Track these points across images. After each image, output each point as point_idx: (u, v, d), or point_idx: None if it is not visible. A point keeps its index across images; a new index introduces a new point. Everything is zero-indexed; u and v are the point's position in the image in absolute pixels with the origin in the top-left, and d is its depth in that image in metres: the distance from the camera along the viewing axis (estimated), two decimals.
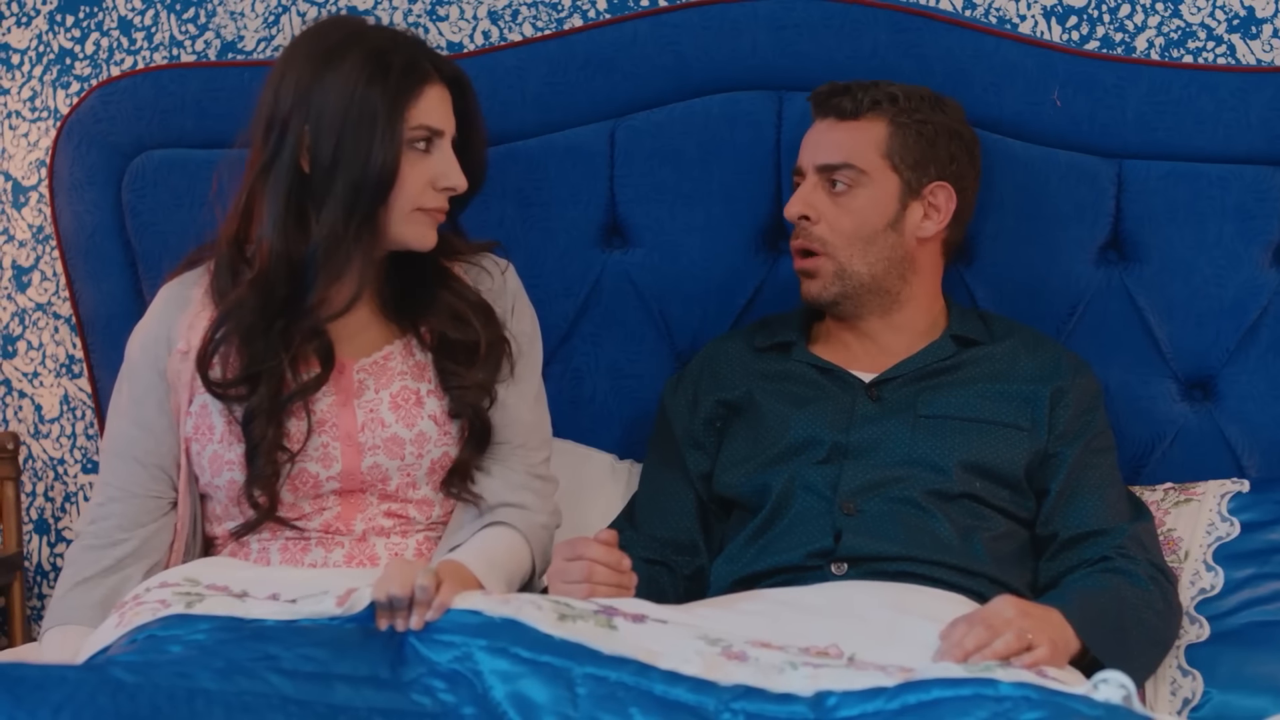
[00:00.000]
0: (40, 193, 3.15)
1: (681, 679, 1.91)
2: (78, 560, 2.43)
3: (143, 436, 2.45)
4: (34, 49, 3.15)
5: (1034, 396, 2.53)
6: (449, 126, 2.40)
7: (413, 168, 2.36)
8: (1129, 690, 1.88)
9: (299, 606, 2.07)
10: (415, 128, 2.35)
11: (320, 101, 2.33)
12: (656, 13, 2.89)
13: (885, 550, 2.39)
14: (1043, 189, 2.79)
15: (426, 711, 1.85)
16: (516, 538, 2.42)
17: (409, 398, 2.43)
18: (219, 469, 2.40)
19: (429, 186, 2.38)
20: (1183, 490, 2.65)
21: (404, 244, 2.40)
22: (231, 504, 2.41)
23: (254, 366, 2.36)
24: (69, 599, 2.41)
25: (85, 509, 2.63)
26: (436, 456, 2.43)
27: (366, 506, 2.43)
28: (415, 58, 2.38)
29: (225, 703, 1.78)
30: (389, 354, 2.45)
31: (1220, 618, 2.50)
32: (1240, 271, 2.75)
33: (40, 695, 1.70)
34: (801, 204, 2.58)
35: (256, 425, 2.36)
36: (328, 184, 2.33)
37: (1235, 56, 2.89)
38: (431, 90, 2.38)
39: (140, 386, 2.46)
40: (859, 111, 2.57)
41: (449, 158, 2.39)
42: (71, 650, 2.28)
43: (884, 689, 1.89)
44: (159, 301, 2.50)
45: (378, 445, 2.40)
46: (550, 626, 1.96)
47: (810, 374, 2.61)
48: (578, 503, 2.70)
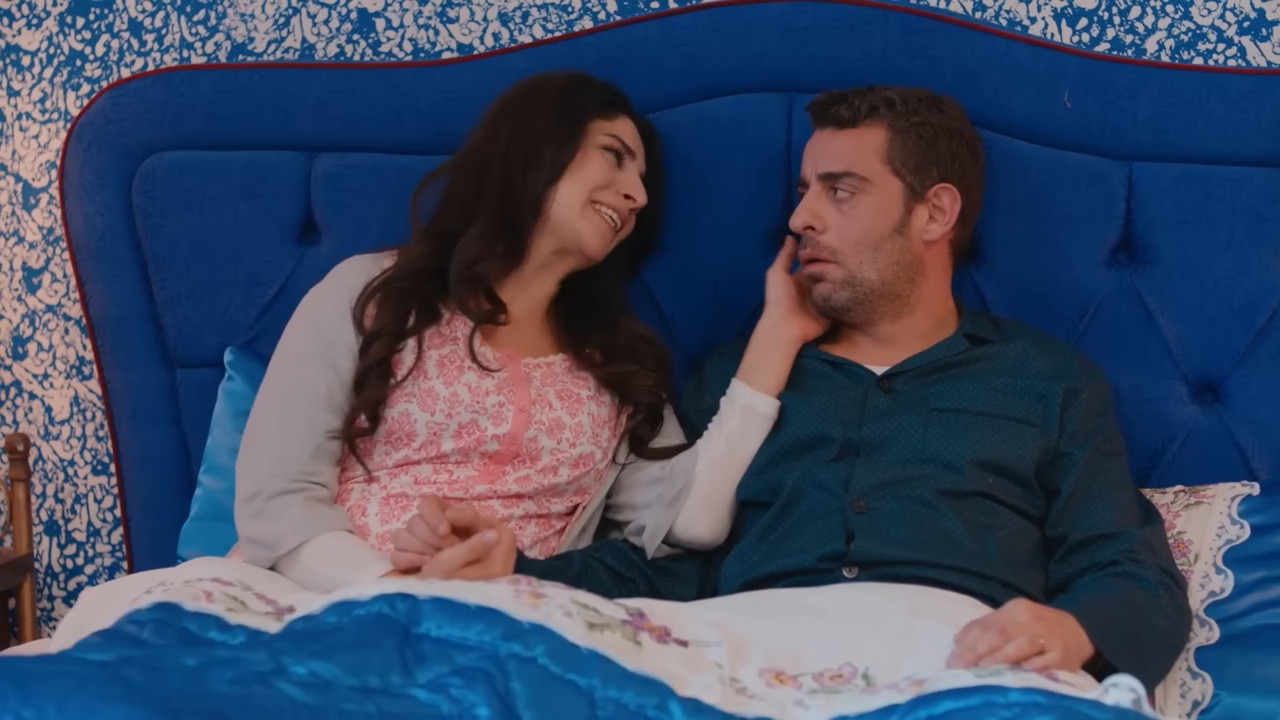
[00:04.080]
0: (51, 194, 3.15)
1: (702, 709, 1.91)
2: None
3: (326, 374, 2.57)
4: (44, 51, 3.15)
5: (1046, 394, 2.53)
6: (640, 154, 2.66)
7: (599, 162, 2.60)
8: (1139, 694, 1.89)
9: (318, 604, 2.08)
10: (609, 134, 2.62)
11: (523, 109, 2.61)
12: (666, 15, 2.89)
13: (897, 555, 2.39)
14: (1053, 191, 2.78)
15: (441, 714, 1.84)
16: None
17: (571, 396, 2.61)
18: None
19: (612, 185, 2.61)
20: (1193, 493, 2.65)
21: (577, 237, 2.59)
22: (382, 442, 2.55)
23: (391, 313, 2.54)
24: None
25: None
26: (586, 452, 2.59)
27: (503, 477, 2.55)
28: (614, 90, 2.67)
29: (236, 700, 1.78)
30: (553, 361, 2.64)
31: (1230, 620, 2.50)
32: (1251, 274, 2.75)
33: (47, 688, 1.70)
34: (807, 214, 2.58)
35: (376, 346, 2.52)
36: (508, 170, 2.57)
37: (1246, 59, 2.89)
38: (626, 119, 2.66)
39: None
40: (857, 119, 2.57)
41: (634, 176, 2.64)
42: (358, 553, 2.41)
43: (897, 706, 1.89)
44: (346, 265, 2.64)
45: (543, 422, 2.56)
46: (578, 636, 1.96)
47: (821, 368, 2.62)
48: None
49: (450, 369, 2.54)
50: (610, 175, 2.61)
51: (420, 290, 2.57)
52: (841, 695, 1.99)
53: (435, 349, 2.55)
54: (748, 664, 2.06)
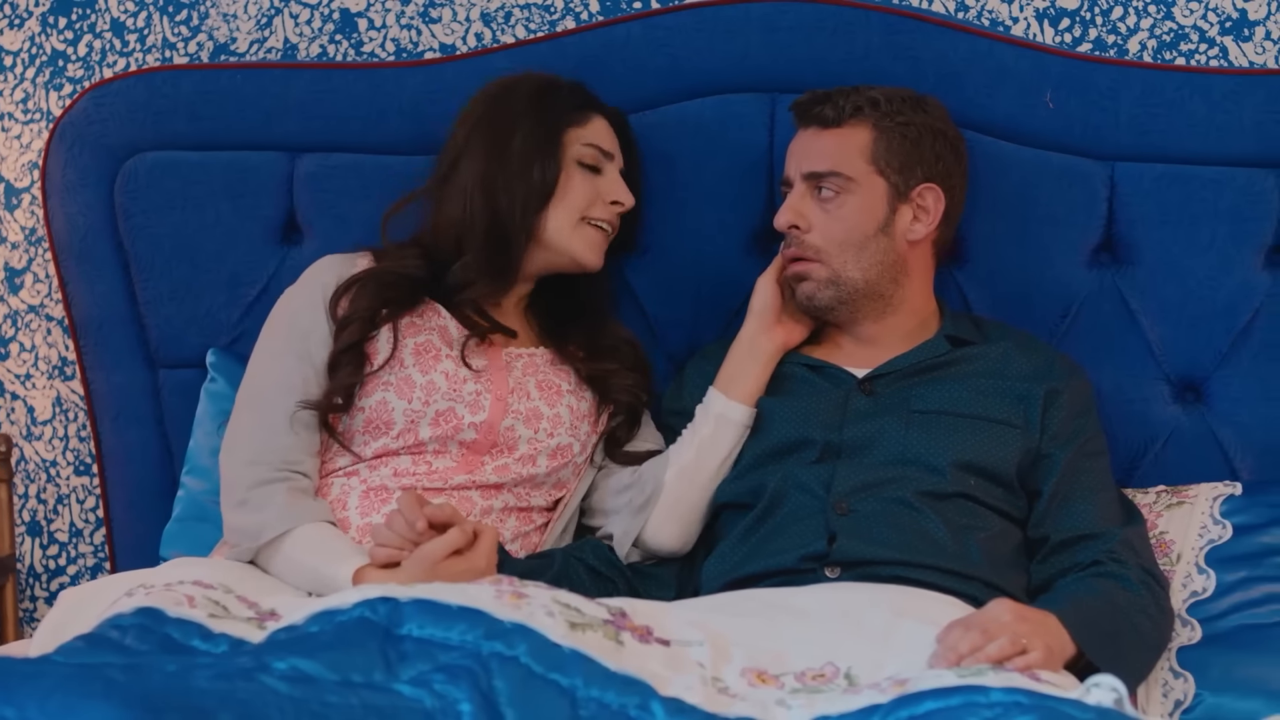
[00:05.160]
0: (33, 195, 3.14)
1: (684, 709, 1.91)
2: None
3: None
4: (26, 51, 3.15)
5: (1027, 395, 2.54)
6: (617, 152, 2.66)
7: (582, 182, 2.61)
8: (1121, 694, 1.88)
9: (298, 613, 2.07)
10: (586, 144, 2.62)
11: (497, 124, 2.60)
12: (649, 15, 2.89)
13: (879, 555, 2.39)
14: (1035, 191, 2.79)
15: (423, 709, 1.84)
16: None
17: (551, 387, 2.61)
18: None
19: (598, 199, 2.62)
20: (1175, 493, 2.65)
21: (573, 256, 2.62)
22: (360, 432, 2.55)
23: (367, 301, 2.55)
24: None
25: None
26: (563, 443, 2.59)
27: (481, 467, 2.55)
28: (581, 90, 2.66)
29: (218, 695, 1.77)
30: (535, 353, 2.64)
31: (1212, 620, 2.50)
32: (1232, 274, 2.75)
33: (29, 686, 1.70)
34: (791, 213, 2.58)
35: (348, 331, 2.53)
36: (492, 197, 2.57)
37: (1228, 59, 2.89)
38: (598, 118, 2.66)
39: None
40: (841, 118, 2.58)
41: (616, 179, 2.64)
42: (338, 545, 2.42)
43: (879, 706, 1.89)
44: (321, 262, 2.65)
45: (520, 412, 2.56)
46: (560, 636, 1.96)
47: (801, 373, 2.62)
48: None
49: (427, 357, 2.55)
50: (595, 189, 2.62)
51: (401, 286, 2.58)
52: (824, 695, 1.99)
53: (411, 337, 2.56)
54: (730, 664, 2.06)
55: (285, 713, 1.77)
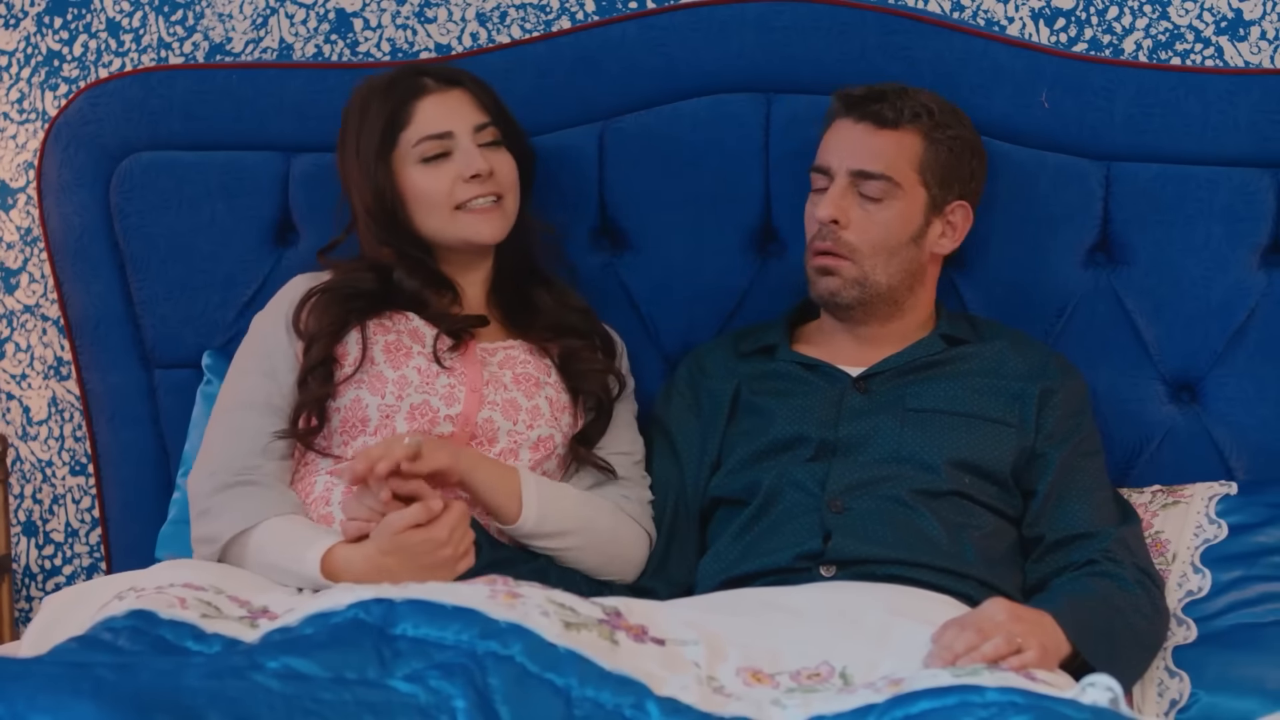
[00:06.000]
0: (28, 194, 3.14)
1: (679, 708, 1.91)
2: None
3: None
4: (22, 51, 3.15)
5: (1022, 394, 2.54)
6: (459, 124, 2.58)
7: (429, 177, 2.57)
8: (1116, 693, 1.89)
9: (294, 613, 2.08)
10: (417, 141, 2.57)
11: (347, 153, 2.63)
12: (644, 15, 2.89)
13: (874, 553, 2.39)
14: (1031, 191, 2.79)
15: (418, 704, 1.84)
16: (606, 503, 2.58)
17: (529, 379, 2.59)
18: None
19: (457, 182, 2.57)
20: (1171, 492, 2.65)
21: (465, 241, 2.60)
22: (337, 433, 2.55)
23: (331, 313, 2.56)
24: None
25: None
26: (544, 435, 2.56)
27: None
28: (404, 79, 2.61)
29: (209, 693, 1.77)
30: (512, 346, 2.63)
31: (1208, 620, 2.50)
32: (1228, 273, 2.75)
33: (18, 685, 1.70)
34: (833, 207, 2.56)
35: (316, 348, 2.53)
36: (374, 221, 2.60)
37: (1223, 58, 2.89)
38: (426, 102, 2.59)
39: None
40: (899, 121, 2.56)
41: (467, 151, 2.57)
42: (303, 531, 2.42)
43: (874, 706, 1.89)
44: (292, 282, 2.66)
45: (497, 403, 2.54)
46: (555, 635, 1.96)
47: (796, 371, 2.62)
48: None
49: (398, 354, 2.54)
50: (450, 175, 2.58)
51: (360, 298, 2.58)
52: (819, 694, 1.99)
53: (381, 335, 2.56)
54: (725, 663, 2.06)
55: (277, 710, 1.77)
